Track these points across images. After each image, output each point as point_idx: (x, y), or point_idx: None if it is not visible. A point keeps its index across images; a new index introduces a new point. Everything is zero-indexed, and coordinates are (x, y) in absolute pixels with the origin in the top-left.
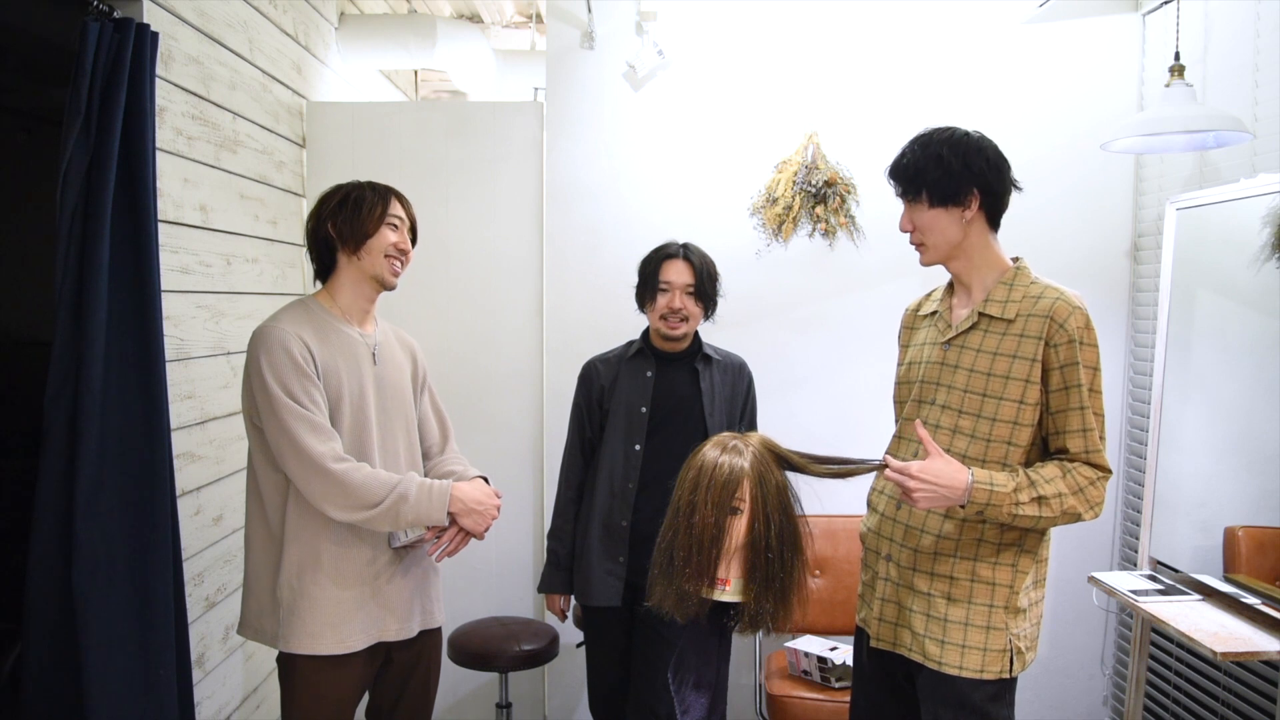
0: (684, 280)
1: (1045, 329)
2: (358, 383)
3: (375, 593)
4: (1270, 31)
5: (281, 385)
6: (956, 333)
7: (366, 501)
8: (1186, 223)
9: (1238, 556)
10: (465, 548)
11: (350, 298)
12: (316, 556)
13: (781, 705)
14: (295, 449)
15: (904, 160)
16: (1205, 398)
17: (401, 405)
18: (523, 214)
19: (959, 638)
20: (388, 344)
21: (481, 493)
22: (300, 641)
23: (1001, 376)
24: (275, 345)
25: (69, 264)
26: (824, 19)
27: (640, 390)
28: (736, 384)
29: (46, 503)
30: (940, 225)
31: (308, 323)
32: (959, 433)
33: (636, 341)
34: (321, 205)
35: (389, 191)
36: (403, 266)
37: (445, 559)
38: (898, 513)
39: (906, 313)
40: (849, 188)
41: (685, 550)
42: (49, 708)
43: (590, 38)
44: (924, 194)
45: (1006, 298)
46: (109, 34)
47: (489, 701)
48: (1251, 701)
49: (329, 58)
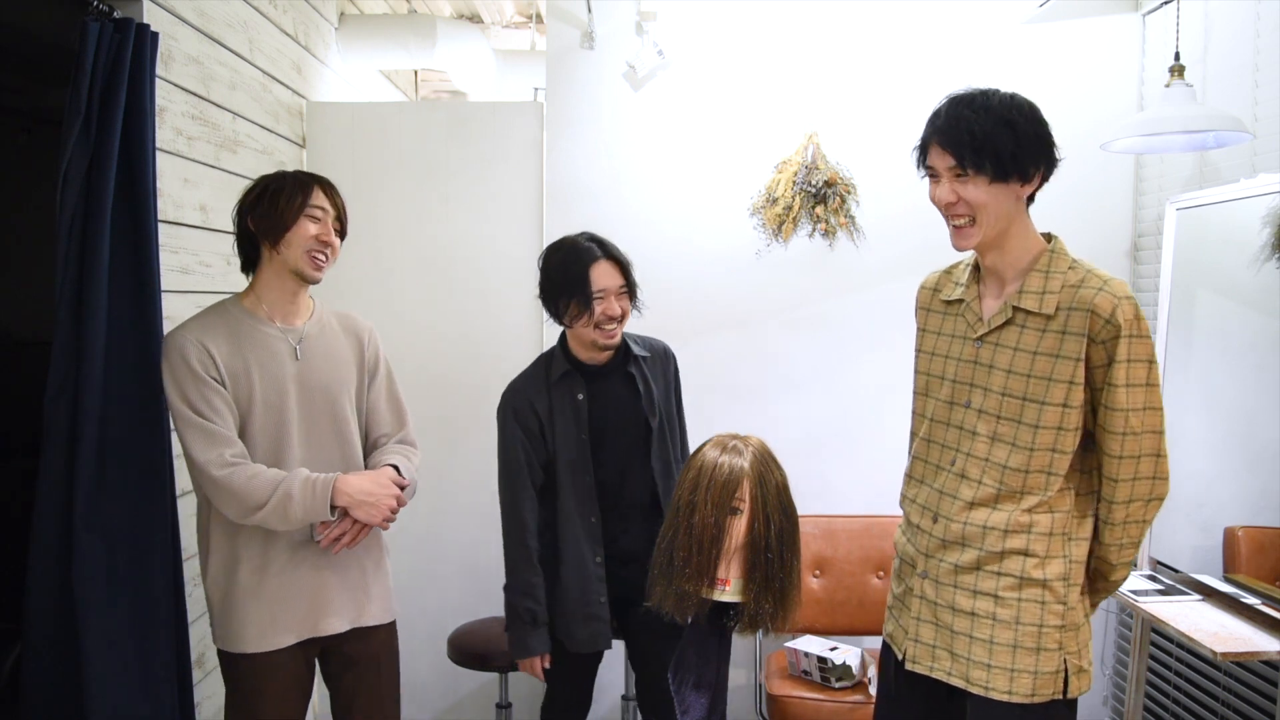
0: (616, 282)
1: (1088, 324)
2: (274, 382)
3: (298, 589)
4: (1270, 31)
5: (179, 393)
6: (989, 329)
7: (253, 504)
8: (1186, 223)
9: (1238, 556)
10: (364, 538)
11: (274, 293)
12: (235, 556)
13: (781, 705)
14: (188, 456)
15: (963, 125)
16: (1205, 398)
17: (329, 401)
18: (523, 214)
19: (1007, 661)
20: (322, 336)
21: (371, 483)
22: (228, 639)
23: (1043, 378)
24: (174, 353)
25: (69, 264)
26: (824, 19)
27: (575, 417)
28: (666, 372)
29: (46, 503)
30: (998, 202)
31: (220, 325)
32: (998, 440)
33: (555, 358)
34: (243, 198)
35: (311, 181)
36: (328, 260)
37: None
38: (934, 526)
39: (923, 290)
40: (849, 188)
41: (685, 550)
42: (49, 708)
43: (590, 38)
44: (987, 165)
45: (1043, 288)
46: (109, 34)
47: (489, 701)
48: (1251, 701)
49: (329, 58)
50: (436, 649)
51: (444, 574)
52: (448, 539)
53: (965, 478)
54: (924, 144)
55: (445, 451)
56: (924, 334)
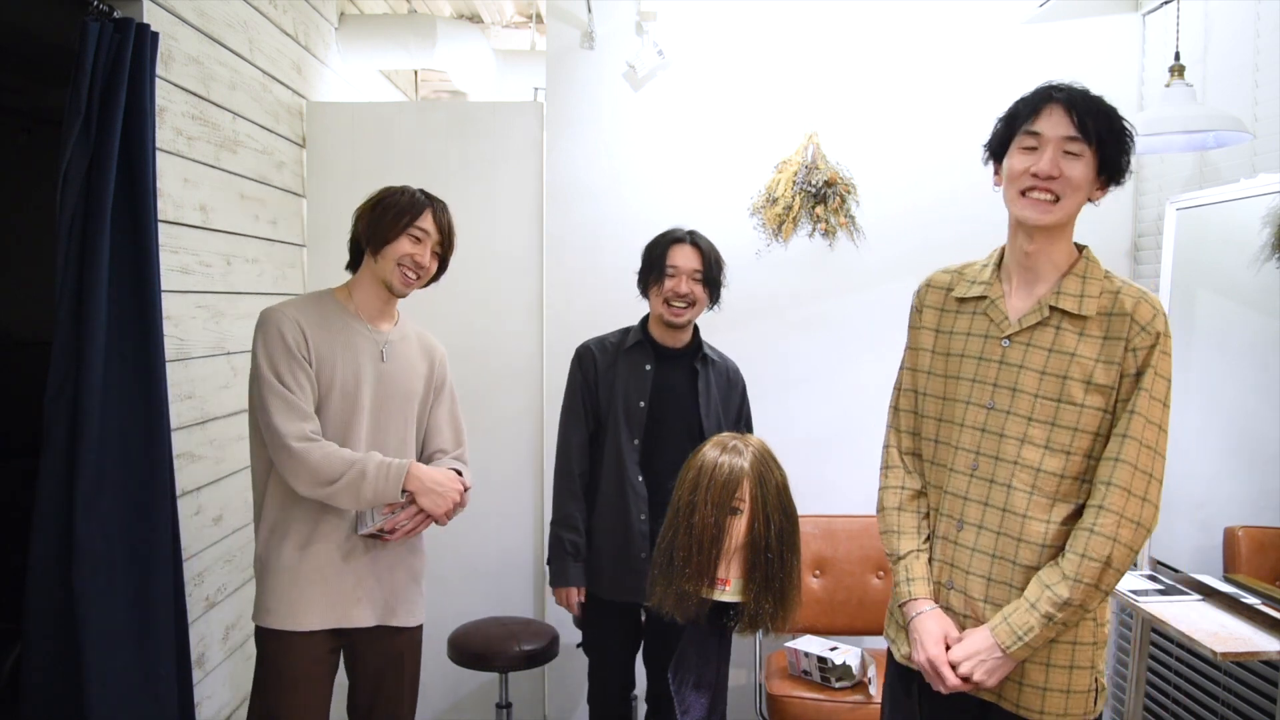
0: (692, 265)
1: (1128, 329)
2: (354, 375)
3: (336, 576)
4: (1270, 31)
5: (270, 364)
6: (1021, 328)
7: (326, 477)
8: (1186, 223)
9: (1238, 556)
10: (422, 530)
11: (365, 295)
12: (285, 530)
13: (781, 705)
14: (267, 425)
15: (1094, 102)
16: (1205, 398)
17: (403, 405)
18: (523, 214)
19: (1040, 679)
20: (404, 344)
21: (443, 475)
22: (263, 615)
23: (1082, 381)
24: (271, 327)
25: (69, 264)
26: (824, 19)
27: (639, 384)
28: (731, 388)
29: (46, 502)
30: (1083, 190)
31: (314, 311)
32: (1028, 442)
33: (635, 331)
34: (364, 202)
35: (425, 205)
36: (419, 279)
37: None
38: (960, 534)
39: (932, 290)
40: (849, 188)
41: (685, 550)
42: (49, 708)
43: (590, 38)
44: (1095, 150)
45: (1081, 291)
46: (109, 34)
47: (489, 701)
48: (1251, 701)
49: (329, 58)
50: (436, 649)
51: (444, 574)
52: (448, 539)
53: (994, 482)
54: (1036, 105)
55: None
56: (936, 334)
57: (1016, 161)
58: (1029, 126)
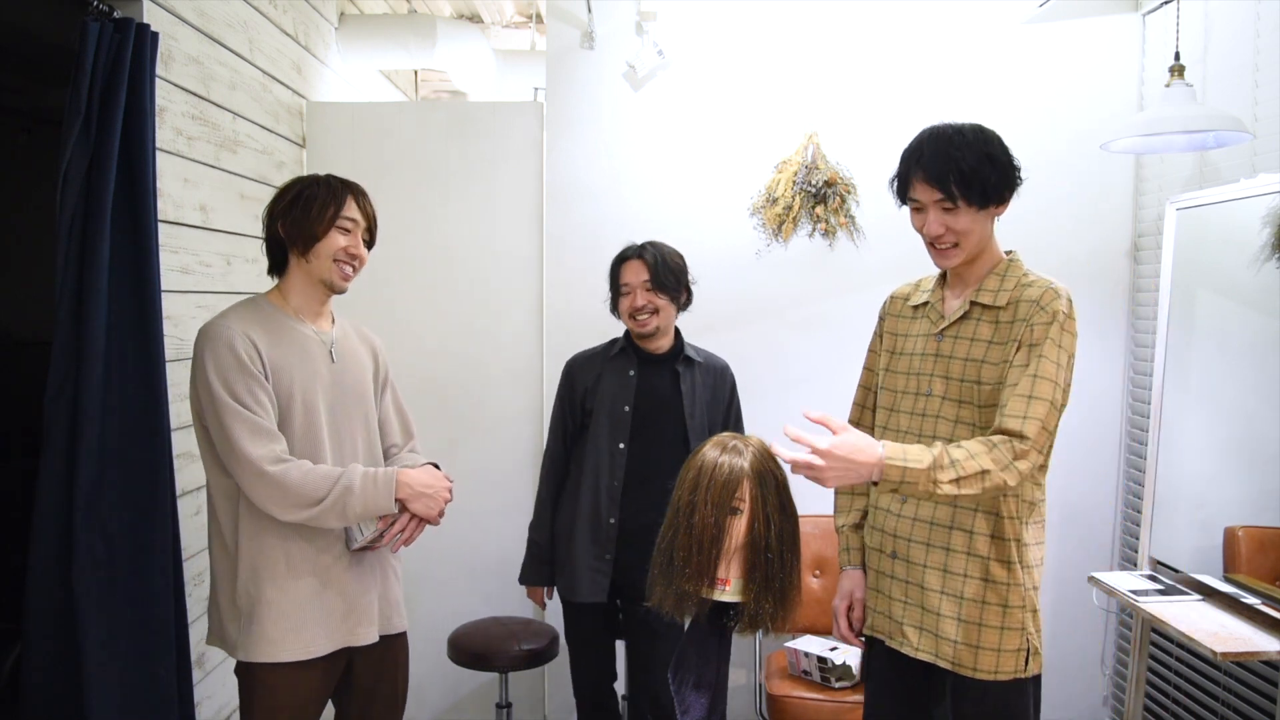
0: (640, 278)
1: (1030, 312)
2: (311, 381)
3: (336, 596)
4: (1270, 31)
5: (225, 385)
6: (949, 322)
7: (309, 499)
8: (1186, 223)
9: (1238, 556)
10: (418, 536)
11: (301, 298)
12: (271, 561)
13: (781, 705)
14: (232, 452)
15: (950, 161)
16: (1205, 398)
17: (360, 403)
18: (523, 214)
19: (973, 638)
20: (346, 341)
21: (430, 476)
22: (260, 649)
23: (996, 364)
24: (220, 344)
25: (69, 264)
26: (824, 19)
27: (623, 390)
28: (718, 387)
29: (46, 502)
30: (979, 226)
31: (257, 321)
32: (960, 423)
33: (620, 340)
34: (275, 202)
35: (345, 190)
36: (355, 271)
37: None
38: (904, 506)
39: (895, 300)
40: (849, 188)
41: (685, 550)
42: (49, 708)
43: (590, 38)
44: (975, 198)
45: (999, 287)
46: (109, 34)
47: (489, 701)
48: (1251, 701)
49: (329, 58)
50: (436, 649)
51: (444, 575)
52: (447, 539)
53: None
54: (905, 178)
55: (445, 451)
56: (891, 336)
57: (913, 220)
58: (909, 193)
